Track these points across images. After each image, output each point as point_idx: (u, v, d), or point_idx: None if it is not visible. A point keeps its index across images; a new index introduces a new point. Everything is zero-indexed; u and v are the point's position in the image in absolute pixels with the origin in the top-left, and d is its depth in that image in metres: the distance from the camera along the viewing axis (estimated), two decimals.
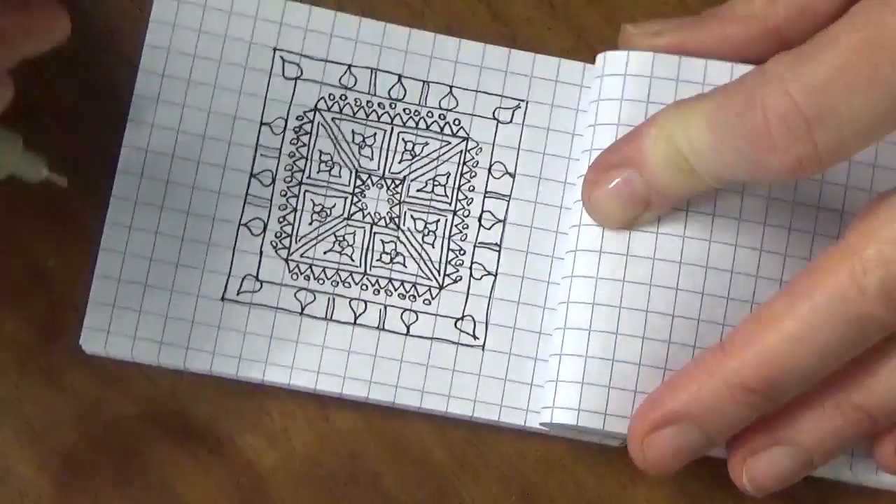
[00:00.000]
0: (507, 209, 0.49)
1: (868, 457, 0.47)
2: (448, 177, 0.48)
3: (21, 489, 0.47)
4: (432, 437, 0.48)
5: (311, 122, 0.48)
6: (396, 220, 0.48)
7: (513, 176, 0.49)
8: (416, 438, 0.48)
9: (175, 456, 0.48)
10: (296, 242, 0.48)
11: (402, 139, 0.48)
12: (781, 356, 0.41)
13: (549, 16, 0.51)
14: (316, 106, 0.48)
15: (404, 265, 0.48)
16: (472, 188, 0.49)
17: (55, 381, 0.48)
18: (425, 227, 0.48)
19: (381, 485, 0.48)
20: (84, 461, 0.48)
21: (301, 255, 0.48)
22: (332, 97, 0.48)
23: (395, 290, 0.48)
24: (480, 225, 0.48)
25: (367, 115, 0.49)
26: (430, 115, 0.49)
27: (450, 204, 0.48)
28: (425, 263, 0.48)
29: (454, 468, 0.48)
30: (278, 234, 0.48)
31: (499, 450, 0.48)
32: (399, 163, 0.48)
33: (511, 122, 0.49)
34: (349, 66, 0.49)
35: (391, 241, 0.48)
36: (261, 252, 0.47)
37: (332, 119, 0.48)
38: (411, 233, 0.48)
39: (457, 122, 0.49)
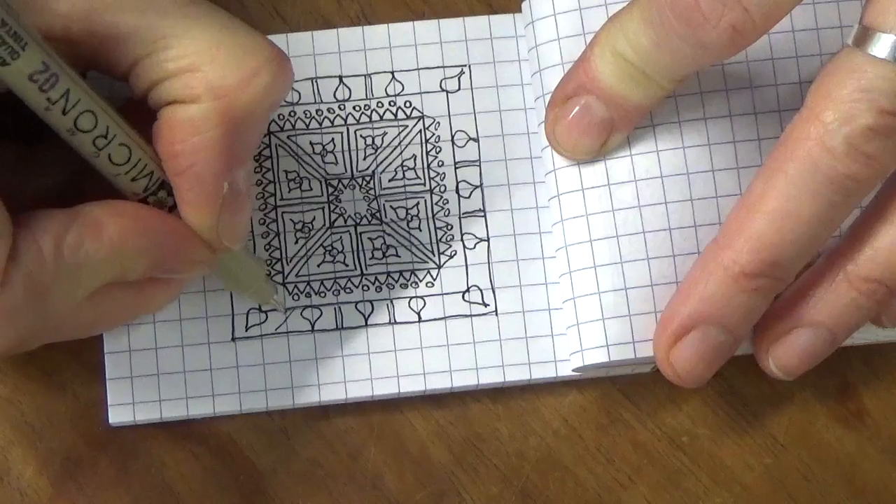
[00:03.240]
0: (480, 173, 0.49)
1: None
2: (415, 159, 0.49)
3: (21, 489, 0.47)
4: (432, 437, 0.48)
5: (269, 145, 0.48)
6: (377, 214, 0.48)
7: (476, 140, 0.49)
8: (416, 438, 0.48)
9: (175, 456, 0.48)
10: (287, 264, 0.48)
11: (360, 136, 0.49)
12: (771, 235, 0.42)
13: None
14: (269, 130, 0.48)
15: (398, 256, 0.48)
16: (440, 163, 0.49)
17: (55, 381, 0.48)
18: (407, 213, 0.48)
19: (381, 485, 0.48)
20: (84, 461, 0.48)
21: (296, 275, 0.48)
22: (281, 117, 0.49)
23: (396, 281, 0.48)
24: (459, 196, 0.48)
25: (320, 124, 0.49)
26: (379, 105, 0.49)
27: (424, 184, 0.49)
28: (417, 248, 0.48)
29: (454, 468, 0.48)
30: (269, 262, 0.48)
31: (499, 450, 0.48)
32: (364, 160, 0.48)
33: (459, 89, 0.49)
34: None
35: (379, 237, 0.48)
36: None
37: (288, 137, 0.48)
38: (395, 223, 0.48)
39: (408, 105, 0.49)
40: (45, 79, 0.37)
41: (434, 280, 0.48)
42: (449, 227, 0.48)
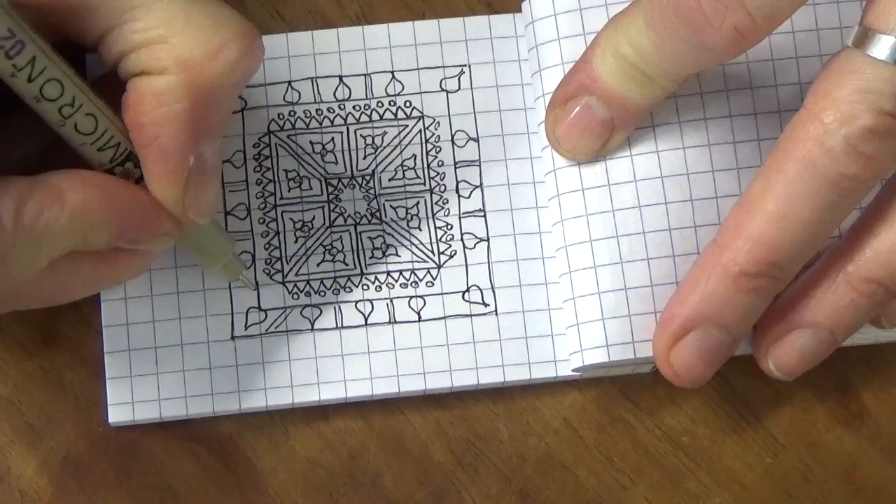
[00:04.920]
0: (480, 173, 0.49)
1: None
2: (415, 159, 0.49)
3: (21, 489, 0.47)
4: (432, 437, 0.48)
5: (269, 145, 0.48)
6: (377, 214, 0.48)
7: (476, 140, 0.49)
8: (416, 438, 0.48)
9: (175, 456, 0.48)
10: (287, 263, 0.48)
11: (360, 136, 0.49)
12: (770, 235, 0.42)
13: None
14: (269, 129, 0.49)
15: (398, 255, 0.48)
16: (440, 163, 0.49)
17: (55, 381, 0.48)
18: (407, 213, 0.48)
19: (381, 485, 0.48)
20: (84, 461, 0.48)
21: (296, 274, 0.48)
22: (281, 116, 0.49)
23: (396, 281, 0.48)
24: (459, 196, 0.48)
25: (320, 123, 0.49)
26: (379, 105, 0.49)
27: (424, 184, 0.49)
28: (417, 248, 0.48)
29: (454, 468, 0.48)
30: (268, 261, 0.48)
31: (499, 450, 0.48)
32: (364, 159, 0.48)
33: (459, 89, 0.49)
34: (289, 83, 0.49)
35: (378, 236, 0.48)
36: (256, 282, 0.48)
37: (288, 137, 0.48)
38: (395, 222, 0.48)
39: (408, 104, 0.49)
40: (10, 45, 0.37)
41: (434, 280, 0.48)
42: (449, 226, 0.48)
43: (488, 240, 0.48)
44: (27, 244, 0.38)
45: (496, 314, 0.48)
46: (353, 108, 0.49)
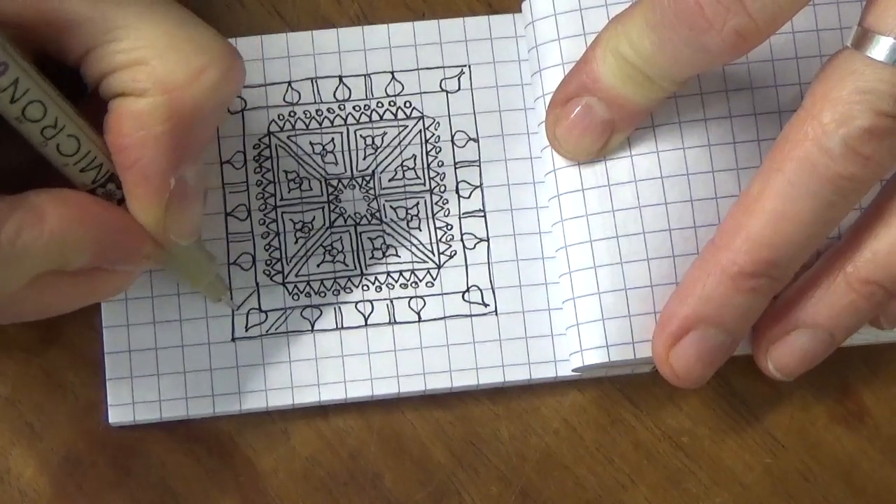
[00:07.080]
0: (480, 174, 0.49)
1: None
2: (415, 159, 0.49)
3: (21, 489, 0.47)
4: (432, 437, 0.48)
5: (269, 146, 0.48)
6: (377, 214, 0.48)
7: (476, 140, 0.49)
8: (416, 438, 0.48)
9: (175, 456, 0.48)
10: (287, 264, 0.48)
11: (360, 136, 0.49)
12: (769, 235, 0.42)
13: None
14: (269, 130, 0.49)
15: (398, 255, 0.48)
16: (440, 163, 0.49)
17: (55, 381, 0.48)
18: (406, 213, 0.48)
19: (381, 485, 0.48)
20: (84, 461, 0.48)
21: (296, 275, 0.48)
22: (281, 117, 0.49)
23: (396, 281, 0.48)
24: (459, 196, 0.48)
25: (320, 124, 0.49)
26: (379, 105, 0.49)
27: (424, 184, 0.49)
28: (417, 248, 0.48)
29: (454, 468, 0.48)
30: (269, 262, 0.48)
31: (499, 450, 0.48)
32: (364, 159, 0.48)
33: (459, 89, 0.49)
34: (289, 83, 0.49)
35: (378, 237, 0.48)
36: (257, 284, 0.48)
37: (288, 137, 0.48)
38: (395, 223, 0.48)
39: (408, 105, 0.49)
40: None
41: (434, 280, 0.48)
42: (449, 227, 0.48)
43: (488, 240, 0.48)
44: (5, 263, 0.38)
45: (496, 314, 0.48)
46: (353, 108, 0.49)
